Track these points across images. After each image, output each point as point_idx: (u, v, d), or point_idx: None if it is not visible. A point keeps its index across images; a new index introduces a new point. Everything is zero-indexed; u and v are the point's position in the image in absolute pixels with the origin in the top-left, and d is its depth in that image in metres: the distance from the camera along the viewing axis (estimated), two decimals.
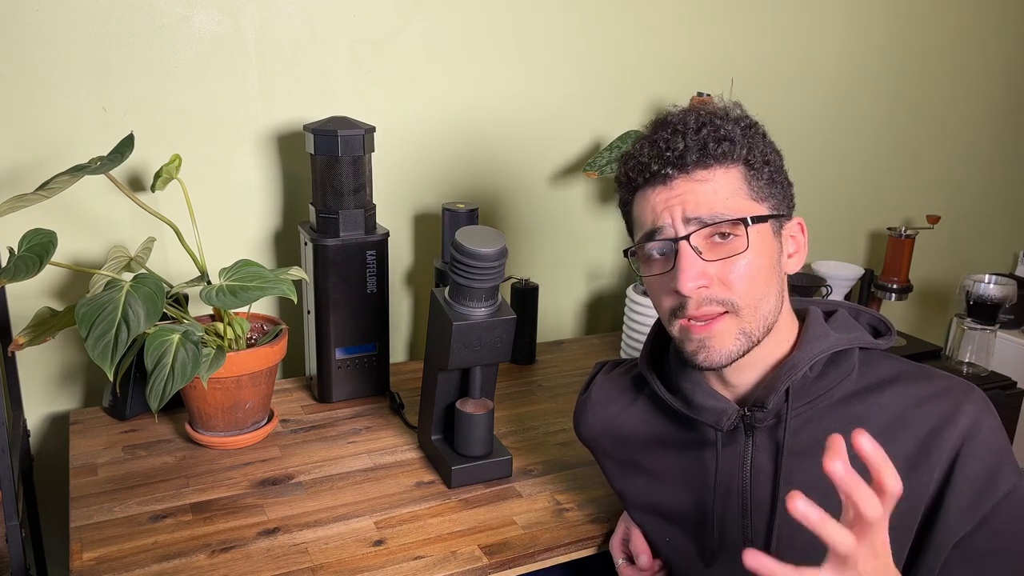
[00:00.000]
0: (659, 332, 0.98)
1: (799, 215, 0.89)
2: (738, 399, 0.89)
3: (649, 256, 0.86)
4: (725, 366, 0.84)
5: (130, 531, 1.01)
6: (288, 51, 1.39)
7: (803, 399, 0.85)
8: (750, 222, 0.81)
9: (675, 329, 0.86)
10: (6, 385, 1.25)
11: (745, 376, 0.88)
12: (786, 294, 0.88)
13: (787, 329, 0.87)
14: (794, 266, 0.88)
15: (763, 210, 0.83)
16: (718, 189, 0.82)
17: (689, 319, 0.83)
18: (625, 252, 0.90)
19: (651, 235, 0.84)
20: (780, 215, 0.85)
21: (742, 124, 0.84)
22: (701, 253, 0.81)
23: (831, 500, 0.84)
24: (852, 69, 1.94)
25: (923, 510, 0.81)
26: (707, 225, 0.81)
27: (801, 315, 0.90)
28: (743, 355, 0.84)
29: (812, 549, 0.85)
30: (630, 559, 0.99)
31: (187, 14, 1.30)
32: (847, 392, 0.86)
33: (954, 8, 2.02)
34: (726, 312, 0.82)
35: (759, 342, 0.84)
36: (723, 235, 0.82)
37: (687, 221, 0.81)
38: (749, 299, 0.82)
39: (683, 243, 0.81)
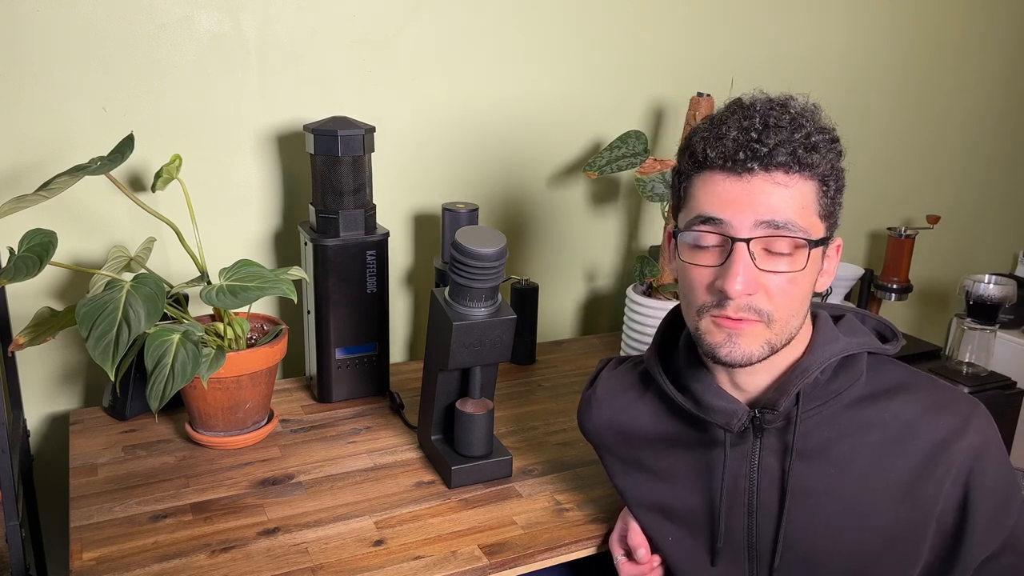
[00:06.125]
0: (667, 329, 0.97)
1: None
2: (748, 401, 0.89)
3: (696, 242, 0.82)
4: (743, 366, 0.83)
5: (130, 531, 1.01)
6: (288, 51, 1.39)
7: (813, 402, 0.85)
8: (814, 245, 0.79)
9: (702, 321, 0.83)
10: (6, 385, 1.25)
11: (757, 379, 0.87)
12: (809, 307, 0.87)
13: (801, 334, 0.87)
14: (823, 284, 0.86)
15: (822, 231, 0.82)
16: (795, 197, 0.78)
17: (723, 316, 0.81)
18: (673, 233, 0.86)
19: (708, 221, 0.80)
20: (831, 237, 0.84)
21: (827, 136, 0.81)
22: (756, 260, 0.79)
23: (837, 503, 0.84)
24: (852, 69, 1.94)
25: (935, 524, 0.82)
26: (778, 228, 0.78)
27: (811, 319, 0.90)
28: (761, 361, 0.83)
29: (816, 552, 0.85)
30: (629, 555, 0.98)
31: (187, 14, 1.30)
32: (857, 396, 0.86)
33: (954, 9, 2.02)
34: (759, 321, 0.81)
35: (777, 352, 0.83)
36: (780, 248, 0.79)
37: (756, 224, 0.78)
38: (785, 314, 0.81)
39: (741, 245, 0.78)
